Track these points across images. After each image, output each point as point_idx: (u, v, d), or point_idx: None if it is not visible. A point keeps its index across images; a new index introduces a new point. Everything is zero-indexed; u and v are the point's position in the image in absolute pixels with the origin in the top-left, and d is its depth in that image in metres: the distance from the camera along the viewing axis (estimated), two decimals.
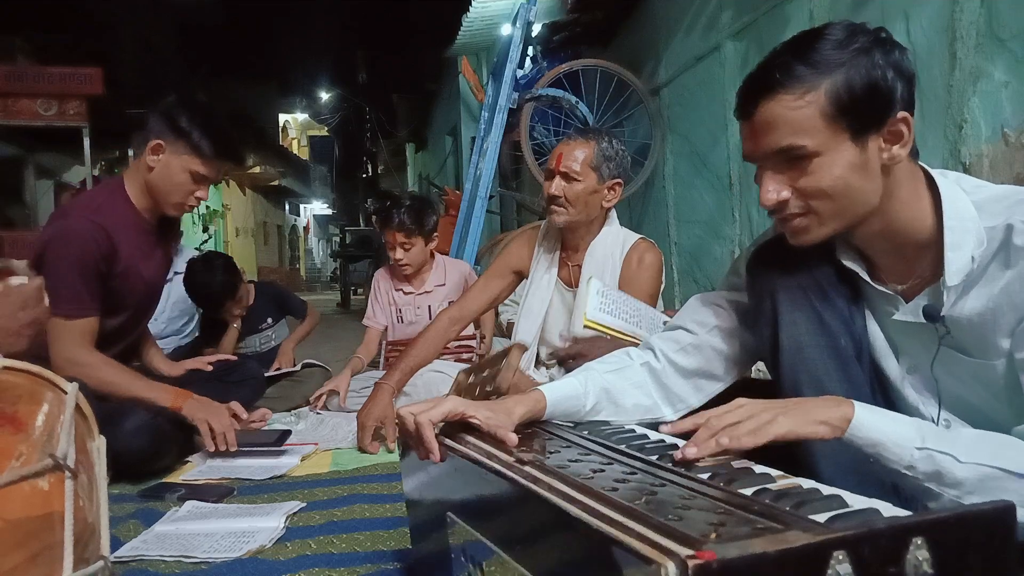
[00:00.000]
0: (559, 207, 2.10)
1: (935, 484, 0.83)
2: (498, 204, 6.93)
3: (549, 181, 2.12)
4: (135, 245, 2.03)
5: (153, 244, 2.13)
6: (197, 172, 1.99)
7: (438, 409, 0.97)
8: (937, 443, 0.83)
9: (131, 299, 2.07)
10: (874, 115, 0.92)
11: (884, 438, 0.85)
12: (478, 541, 0.82)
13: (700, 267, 4.03)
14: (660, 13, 4.37)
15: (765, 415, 0.86)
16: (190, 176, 1.99)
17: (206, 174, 2.00)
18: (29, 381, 0.93)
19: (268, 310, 3.27)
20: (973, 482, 0.81)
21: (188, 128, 1.96)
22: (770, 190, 0.98)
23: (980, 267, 0.93)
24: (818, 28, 0.97)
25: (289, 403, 2.87)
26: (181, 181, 1.99)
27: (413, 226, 2.84)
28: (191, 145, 1.96)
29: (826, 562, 0.53)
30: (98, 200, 2.03)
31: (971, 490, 0.81)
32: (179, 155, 1.97)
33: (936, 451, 0.83)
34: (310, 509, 1.56)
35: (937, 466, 0.82)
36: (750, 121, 0.98)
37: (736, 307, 1.19)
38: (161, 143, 1.96)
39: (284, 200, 24.85)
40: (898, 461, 0.84)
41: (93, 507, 0.91)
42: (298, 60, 33.41)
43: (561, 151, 2.11)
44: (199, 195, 2.03)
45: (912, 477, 0.84)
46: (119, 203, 2.02)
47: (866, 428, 0.85)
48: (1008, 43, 2.00)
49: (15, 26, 7.84)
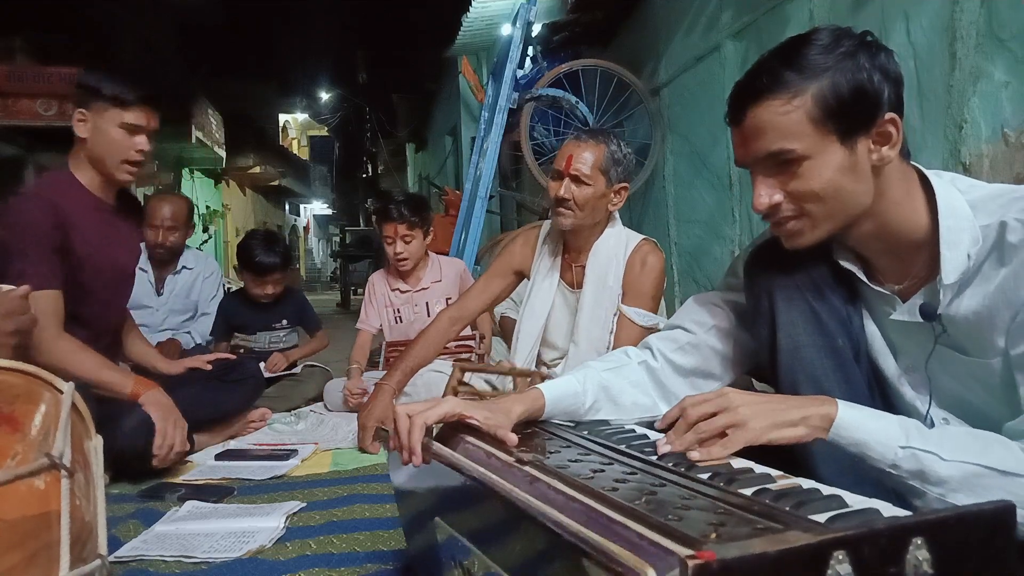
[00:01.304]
0: (567, 210, 2.07)
1: (919, 482, 0.83)
2: (498, 204, 6.92)
3: (557, 182, 2.08)
4: (94, 226, 2.00)
5: (116, 226, 2.10)
6: (125, 123, 1.95)
7: (435, 411, 0.97)
8: (921, 441, 0.84)
9: (98, 282, 2.03)
10: (861, 117, 0.93)
11: (867, 437, 0.86)
12: (459, 541, 0.82)
13: (700, 267, 4.03)
14: (660, 13, 4.37)
15: (742, 412, 0.88)
16: (122, 130, 1.95)
17: (135, 122, 1.96)
18: (25, 381, 0.93)
19: (288, 312, 3.28)
20: (957, 480, 0.81)
21: (97, 84, 1.93)
22: (762, 194, 0.99)
23: (975, 265, 0.93)
24: (805, 34, 0.98)
25: (289, 403, 2.87)
26: (114, 138, 1.95)
27: (414, 218, 2.86)
28: (107, 99, 1.93)
29: (826, 562, 0.53)
30: (43, 182, 2.03)
31: (955, 488, 0.81)
32: (101, 114, 1.94)
33: (919, 449, 0.83)
34: (310, 509, 1.56)
35: (920, 464, 0.83)
36: (740, 127, 1.00)
37: (734, 307, 1.20)
38: (82, 111, 1.95)
39: (284, 200, 24.87)
40: (881, 460, 0.85)
41: (90, 506, 0.91)
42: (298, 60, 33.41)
43: (571, 152, 2.06)
44: (140, 147, 1.98)
45: (896, 475, 0.85)
46: (68, 185, 2.00)
47: (849, 427, 0.86)
48: (1008, 43, 2.00)
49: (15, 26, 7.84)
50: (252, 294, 3.15)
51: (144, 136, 1.99)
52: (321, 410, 2.80)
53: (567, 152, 2.08)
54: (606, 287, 2.13)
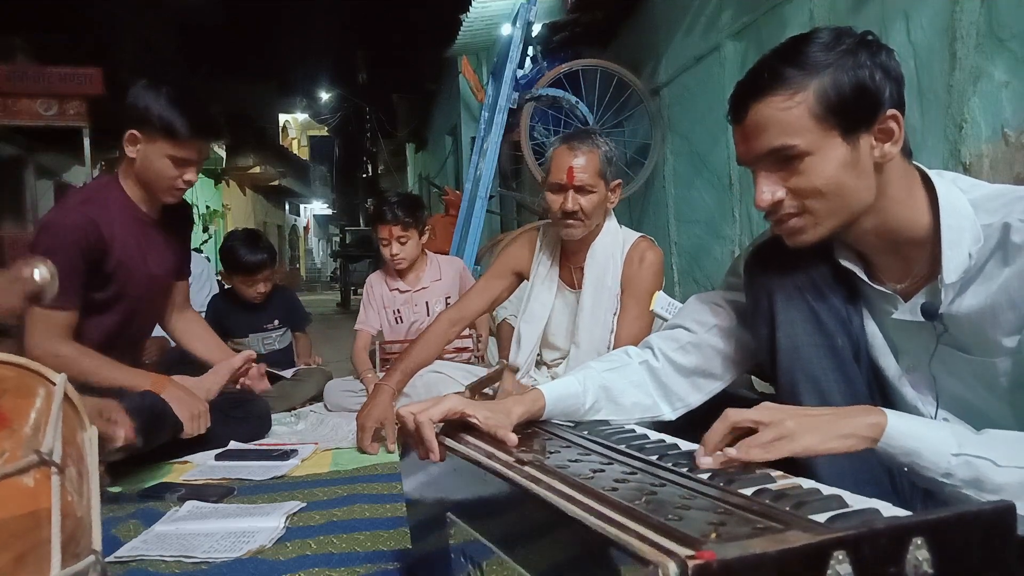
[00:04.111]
0: (577, 221, 2.04)
1: (974, 491, 0.80)
2: (498, 204, 6.92)
3: (559, 195, 2.03)
4: (133, 237, 2.01)
5: (157, 237, 2.11)
6: (175, 156, 1.95)
7: (437, 408, 0.97)
8: (974, 448, 0.81)
9: (132, 291, 2.05)
10: (863, 113, 0.93)
11: (920, 445, 0.82)
12: (477, 541, 0.82)
13: (700, 267, 4.03)
14: (660, 13, 4.37)
15: (788, 425, 0.83)
16: (170, 161, 1.95)
17: (185, 156, 1.96)
18: (16, 373, 0.90)
19: (279, 312, 3.28)
20: (1015, 487, 0.78)
21: (155, 113, 1.92)
22: (764, 191, 0.99)
23: (977, 264, 0.93)
24: (806, 33, 0.99)
25: (289, 403, 2.87)
26: (161, 167, 1.96)
27: (408, 219, 2.86)
28: (161, 130, 1.92)
29: (826, 562, 0.53)
30: (90, 193, 2.03)
31: (1014, 495, 0.78)
32: (153, 142, 1.94)
33: (974, 456, 0.80)
34: (310, 509, 1.55)
35: (976, 472, 0.80)
36: (742, 124, 1.00)
37: (735, 307, 1.20)
38: (135, 133, 1.94)
39: (284, 200, 24.85)
40: (934, 468, 0.82)
41: (83, 501, 0.89)
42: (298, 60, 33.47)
43: (570, 164, 2.00)
44: (187, 178, 1.99)
45: (950, 484, 0.82)
46: (113, 195, 2.01)
47: (901, 436, 0.83)
48: (1008, 43, 2.00)
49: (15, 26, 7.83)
50: (244, 295, 3.14)
51: (193, 168, 2.00)
52: (321, 410, 2.80)
53: (564, 163, 2.01)
54: (605, 286, 2.13)
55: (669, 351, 1.21)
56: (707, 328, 1.20)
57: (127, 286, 2.03)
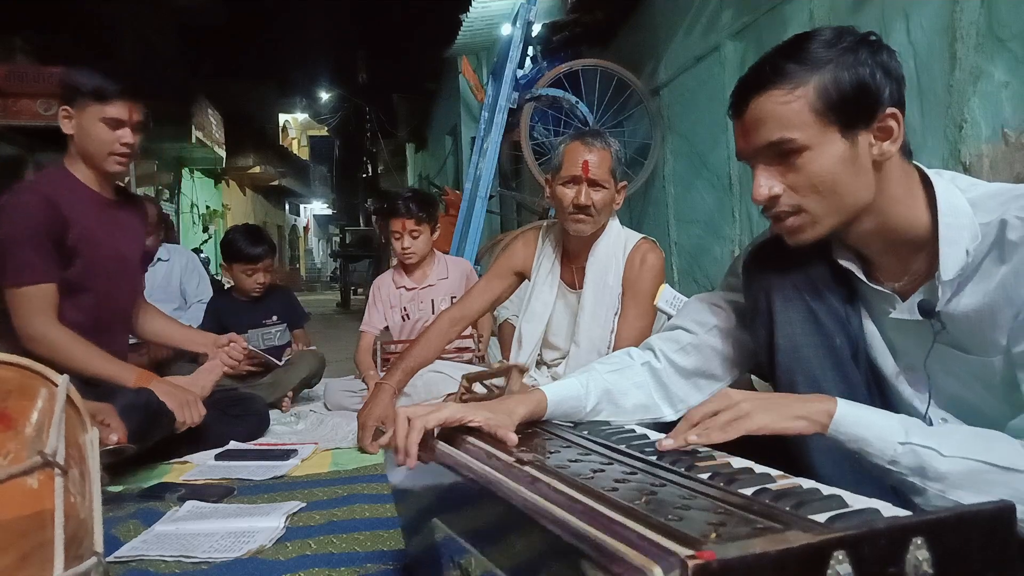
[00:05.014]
0: (588, 216, 2.04)
1: (919, 478, 0.83)
2: (498, 204, 6.92)
3: (573, 188, 2.03)
4: (92, 213, 2.02)
5: (118, 219, 2.12)
6: (106, 117, 1.97)
7: (436, 415, 0.97)
8: (921, 438, 0.84)
9: (100, 271, 2.04)
10: (862, 110, 0.94)
11: (867, 433, 0.86)
12: (458, 542, 0.82)
13: (700, 267, 4.03)
14: (660, 13, 4.37)
15: (744, 406, 0.89)
16: (104, 125, 1.97)
17: (116, 115, 1.98)
18: (18, 375, 0.90)
19: (277, 308, 3.28)
20: (957, 476, 0.81)
21: (78, 81, 1.96)
22: (762, 185, 0.99)
23: (975, 263, 0.93)
24: (808, 32, 0.99)
25: (283, 389, 2.87)
26: (97, 132, 1.98)
27: (422, 213, 2.88)
28: (88, 95, 1.96)
29: (826, 562, 0.53)
30: (40, 179, 2.06)
31: (956, 484, 0.81)
32: (83, 111, 1.97)
33: (919, 445, 0.83)
34: (310, 509, 1.56)
35: (920, 460, 0.83)
36: (742, 118, 1.00)
37: (735, 307, 1.20)
38: (66, 108, 1.98)
39: (284, 200, 24.86)
40: (881, 456, 0.85)
41: (85, 502, 0.89)
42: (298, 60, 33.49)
43: (585, 158, 2.00)
44: (125, 140, 2.00)
45: (896, 472, 0.85)
46: (64, 180, 2.03)
47: (849, 423, 0.87)
48: (1008, 43, 2.00)
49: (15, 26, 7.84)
50: (244, 287, 3.15)
51: (127, 129, 2.01)
52: (321, 410, 2.80)
53: (578, 157, 2.02)
54: (606, 287, 2.13)
55: (670, 352, 1.21)
56: (707, 329, 1.20)
57: (95, 265, 2.02)
